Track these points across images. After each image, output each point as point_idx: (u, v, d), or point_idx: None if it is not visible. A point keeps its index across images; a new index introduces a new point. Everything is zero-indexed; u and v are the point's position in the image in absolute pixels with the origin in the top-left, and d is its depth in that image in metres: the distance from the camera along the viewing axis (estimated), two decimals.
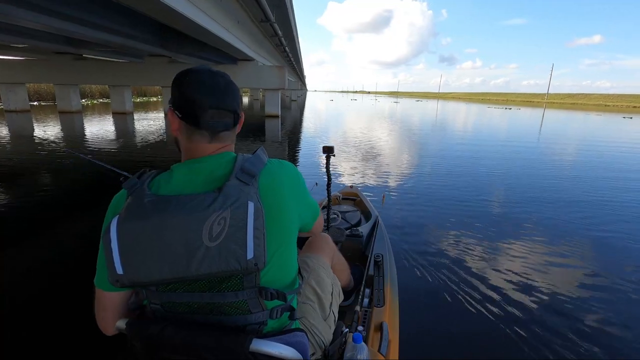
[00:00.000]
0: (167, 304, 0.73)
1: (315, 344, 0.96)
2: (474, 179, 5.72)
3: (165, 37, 12.03)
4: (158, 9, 5.55)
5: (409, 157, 7.80)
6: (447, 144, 10.09)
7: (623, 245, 3.27)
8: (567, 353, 1.79)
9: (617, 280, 2.58)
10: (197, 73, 0.77)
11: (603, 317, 2.14)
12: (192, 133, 0.78)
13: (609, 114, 38.89)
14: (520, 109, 43.17)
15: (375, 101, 59.21)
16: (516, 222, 3.75)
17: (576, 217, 3.99)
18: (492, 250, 3.04)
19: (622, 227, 3.72)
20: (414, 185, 5.17)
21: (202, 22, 7.31)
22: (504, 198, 4.75)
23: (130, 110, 15.65)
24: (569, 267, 2.78)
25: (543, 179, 5.86)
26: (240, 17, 11.18)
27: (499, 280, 2.50)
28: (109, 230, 0.67)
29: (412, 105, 45.77)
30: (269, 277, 0.75)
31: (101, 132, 10.02)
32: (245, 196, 0.69)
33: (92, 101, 25.04)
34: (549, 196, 4.82)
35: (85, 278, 0.97)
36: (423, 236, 3.27)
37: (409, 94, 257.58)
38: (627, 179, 6.14)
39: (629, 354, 1.84)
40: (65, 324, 1.98)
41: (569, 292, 2.39)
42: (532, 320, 2.05)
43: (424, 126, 16.09)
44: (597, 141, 11.90)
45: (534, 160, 7.75)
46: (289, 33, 18.29)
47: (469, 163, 7.15)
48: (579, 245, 3.21)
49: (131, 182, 0.74)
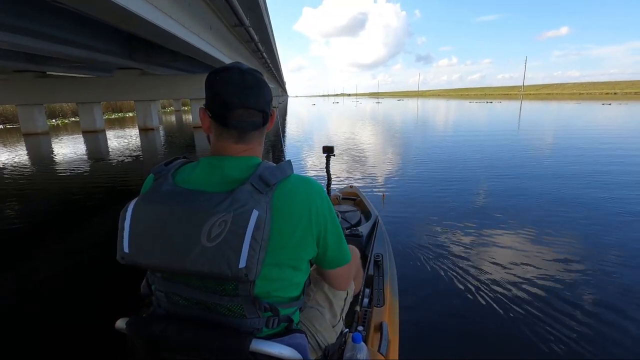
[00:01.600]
0: (170, 293, 0.74)
1: (316, 346, 0.95)
2: (473, 175, 5.74)
3: (134, 47, 11.31)
4: (109, 10, 4.88)
5: (407, 156, 7.79)
6: (444, 140, 10.16)
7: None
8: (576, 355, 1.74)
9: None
10: (227, 72, 0.77)
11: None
12: (221, 132, 0.79)
13: (588, 101, 39.82)
14: (501, 102, 43.91)
15: (358, 103, 59.54)
16: (523, 219, 3.62)
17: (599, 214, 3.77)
18: (493, 248, 2.98)
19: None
20: (413, 185, 5.15)
21: (166, 26, 6.64)
22: (504, 192, 4.70)
23: (101, 128, 14.61)
24: (579, 269, 2.64)
25: (551, 177, 5.53)
26: (213, 23, 10.55)
27: (500, 279, 2.46)
28: (126, 209, 0.71)
29: (395, 104, 46.40)
30: (268, 289, 0.74)
31: (69, 153, 9.18)
32: (253, 203, 0.67)
33: (64, 120, 23.81)
34: (558, 195, 4.57)
35: (84, 278, 1.43)
36: (423, 236, 3.23)
37: (390, 94, 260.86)
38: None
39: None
40: (65, 324, 1.99)
41: (571, 291, 2.32)
42: (532, 320, 2.01)
43: (414, 124, 16.04)
44: (601, 127, 12.66)
45: (543, 156, 7.54)
46: (266, 38, 17.72)
47: (465, 159, 7.19)
48: (585, 242, 3.11)
49: (159, 168, 0.77)
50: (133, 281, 1.01)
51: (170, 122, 21.97)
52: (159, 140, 12.15)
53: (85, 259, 2.99)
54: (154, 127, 14.86)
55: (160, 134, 13.72)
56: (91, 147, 10.55)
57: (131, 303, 1.12)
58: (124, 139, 12.11)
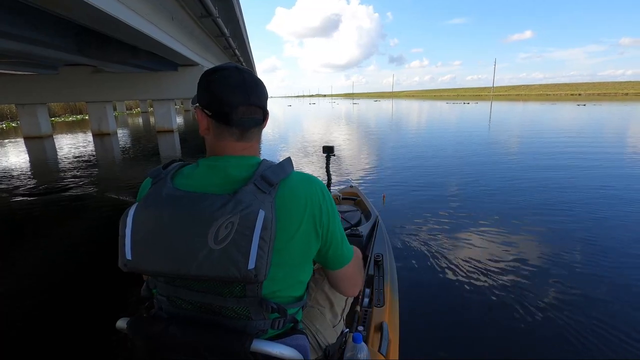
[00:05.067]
0: (173, 297, 0.73)
1: (317, 346, 0.94)
2: (476, 175, 5.82)
3: (83, 41, 9.59)
4: None
5: (407, 156, 7.79)
6: (444, 141, 10.13)
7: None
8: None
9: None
10: (225, 71, 0.77)
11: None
12: (222, 131, 0.78)
13: (560, 102, 41.01)
14: (477, 103, 44.54)
15: (334, 104, 58.88)
16: (521, 218, 3.68)
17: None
18: (494, 247, 3.01)
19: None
20: (414, 185, 5.21)
21: (112, 10, 5.28)
22: (506, 192, 4.76)
23: (47, 133, 12.68)
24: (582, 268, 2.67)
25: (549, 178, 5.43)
26: (175, 13, 9.12)
27: (501, 279, 2.47)
28: (126, 215, 0.69)
29: (372, 105, 46.44)
30: (273, 289, 0.73)
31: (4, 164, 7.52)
32: (259, 204, 0.66)
33: (10, 124, 21.29)
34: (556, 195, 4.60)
35: (83, 277, 1.52)
36: (423, 235, 3.26)
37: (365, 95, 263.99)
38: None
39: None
40: (65, 324, 2.02)
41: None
42: (533, 320, 2.01)
43: (404, 126, 15.70)
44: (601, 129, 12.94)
45: (536, 156, 7.55)
46: (238, 33, 16.29)
47: (459, 157, 7.39)
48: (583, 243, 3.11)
49: (156, 172, 0.75)
50: (133, 281, 1.07)
51: (136, 125, 20.17)
52: (116, 148, 10.52)
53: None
54: (110, 131, 13.12)
55: (117, 140, 12.07)
56: (30, 156, 8.88)
57: (132, 303, 1.39)
58: (72, 147, 10.37)
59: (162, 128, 13.71)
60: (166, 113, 13.68)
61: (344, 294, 0.97)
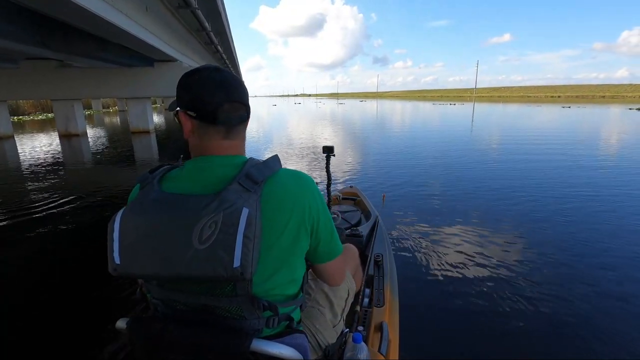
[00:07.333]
0: (167, 300, 0.73)
1: (317, 346, 0.94)
2: (476, 175, 5.80)
3: (47, 31, 8.56)
4: None
5: (406, 156, 7.76)
6: (443, 141, 9.97)
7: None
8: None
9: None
10: (205, 71, 0.76)
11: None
12: (207, 131, 0.76)
13: (544, 104, 41.77)
14: (463, 104, 44.91)
15: (320, 104, 58.14)
16: (522, 221, 3.62)
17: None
18: (495, 247, 2.96)
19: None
20: (414, 185, 5.16)
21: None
22: (507, 191, 4.72)
23: (7, 134, 11.43)
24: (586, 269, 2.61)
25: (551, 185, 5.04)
26: (150, 2, 8.23)
27: (501, 279, 2.44)
28: (114, 220, 0.69)
29: (358, 105, 46.14)
30: (266, 287, 0.72)
31: None
32: (242, 202, 0.65)
33: None
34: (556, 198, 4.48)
35: (82, 278, 1.33)
36: (423, 235, 3.21)
37: (350, 95, 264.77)
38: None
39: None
40: (65, 324, 2.00)
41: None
42: (533, 319, 2.00)
43: (396, 127, 15.37)
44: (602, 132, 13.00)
45: (533, 160, 7.26)
46: (220, 28, 15.37)
47: (469, 159, 7.28)
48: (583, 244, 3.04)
49: (143, 177, 0.74)
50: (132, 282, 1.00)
51: (112, 124, 18.95)
52: (85, 150, 9.49)
53: None
54: (79, 132, 11.99)
55: (87, 142, 11.01)
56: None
57: (131, 303, 1.35)
58: (34, 150, 9.30)
59: (137, 129, 12.65)
60: (142, 112, 12.63)
61: (328, 283, 0.98)
